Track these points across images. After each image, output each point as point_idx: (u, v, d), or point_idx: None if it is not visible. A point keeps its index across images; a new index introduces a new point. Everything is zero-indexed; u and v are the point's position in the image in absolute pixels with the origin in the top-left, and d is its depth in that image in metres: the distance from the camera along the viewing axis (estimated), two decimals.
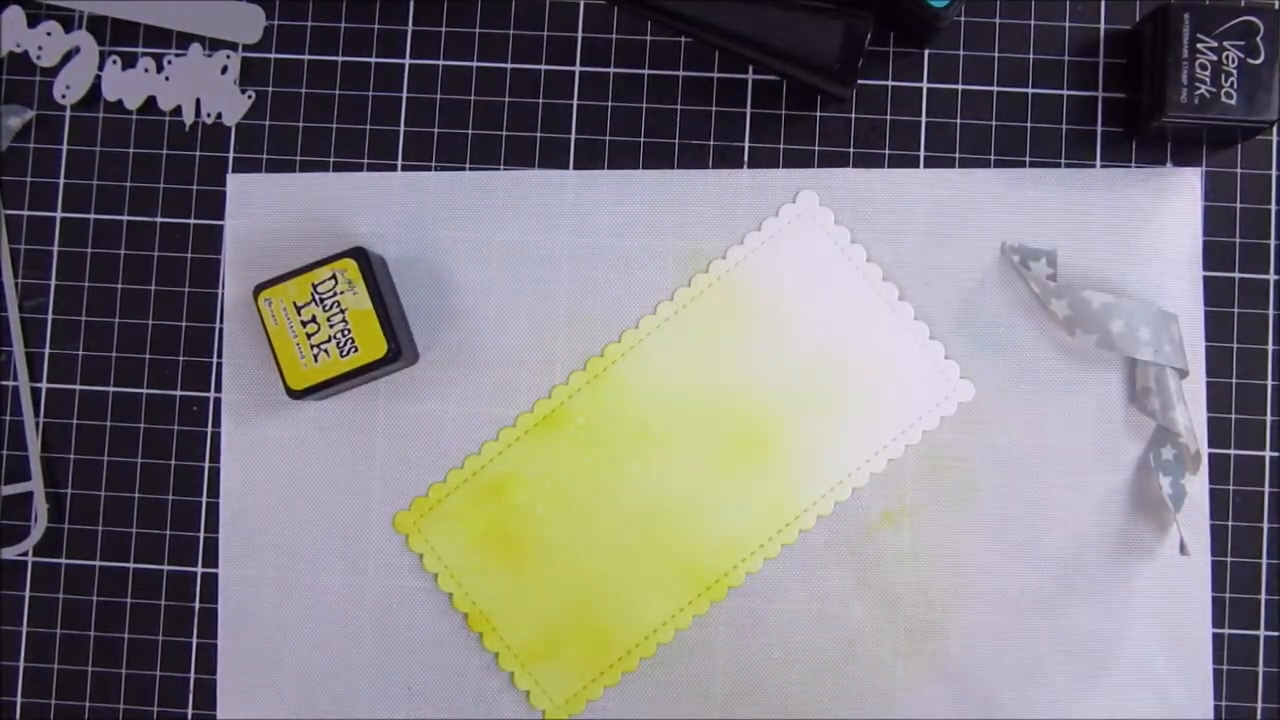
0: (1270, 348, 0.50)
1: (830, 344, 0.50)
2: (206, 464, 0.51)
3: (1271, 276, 0.50)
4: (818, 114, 0.51)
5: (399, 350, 0.47)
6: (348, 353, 0.47)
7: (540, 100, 0.51)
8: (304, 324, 0.47)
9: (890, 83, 0.51)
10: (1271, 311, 0.50)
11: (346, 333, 0.47)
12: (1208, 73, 0.46)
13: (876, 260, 0.50)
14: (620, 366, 0.50)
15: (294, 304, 0.47)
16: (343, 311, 0.47)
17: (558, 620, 0.49)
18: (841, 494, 0.49)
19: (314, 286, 0.47)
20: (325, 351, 0.47)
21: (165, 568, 0.51)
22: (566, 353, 0.50)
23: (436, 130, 0.51)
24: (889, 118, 0.51)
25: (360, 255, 0.47)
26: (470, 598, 0.49)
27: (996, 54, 0.51)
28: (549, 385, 0.50)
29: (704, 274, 0.50)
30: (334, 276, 0.47)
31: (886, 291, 0.50)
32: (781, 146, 0.51)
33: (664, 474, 0.49)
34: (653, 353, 0.50)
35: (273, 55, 0.52)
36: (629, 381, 0.50)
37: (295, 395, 0.47)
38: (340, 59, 0.52)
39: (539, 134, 0.51)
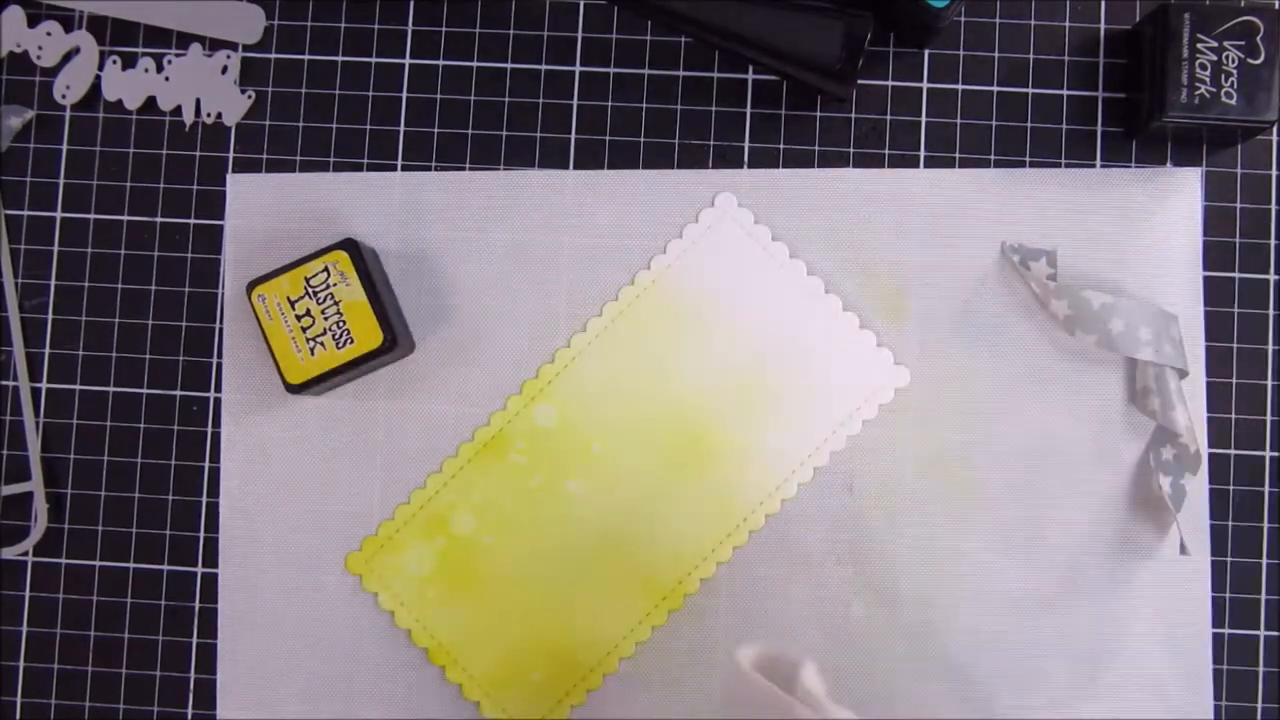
0: (1270, 348, 0.50)
1: (765, 343, 0.49)
2: (206, 464, 0.51)
3: (1271, 276, 0.50)
4: (818, 114, 0.51)
5: (395, 339, 0.47)
6: (344, 344, 0.47)
7: (540, 100, 0.51)
8: (298, 318, 0.47)
9: (890, 83, 0.51)
10: (1271, 311, 0.50)
11: (341, 324, 0.47)
12: (1208, 73, 0.46)
13: (800, 256, 0.49)
14: (555, 386, 0.49)
15: (287, 299, 0.47)
16: (336, 303, 0.47)
17: (519, 645, 0.49)
18: (788, 491, 0.49)
19: (306, 280, 0.47)
20: (321, 344, 0.47)
21: (165, 568, 0.50)
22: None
23: (436, 130, 0.51)
24: (889, 118, 0.51)
25: (351, 247, 0.47)
26: (429, 632, 0.49)
27: (996, 54, 0.51)
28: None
29: (630, 286, 0.50)
30: (326, 269, 0.47)
31: (813, 286, 0.49)
32: (781, 146, 0.51)
33: (609, 489, 0.49)
34: (586, 369, 0.49)
35: (273, 55, 0.52)
36: (565, 400, 0.49)
37: (294, 390, 0.47)
38: (340, 59, 0.52)
39: (539, 134, 0.51)
